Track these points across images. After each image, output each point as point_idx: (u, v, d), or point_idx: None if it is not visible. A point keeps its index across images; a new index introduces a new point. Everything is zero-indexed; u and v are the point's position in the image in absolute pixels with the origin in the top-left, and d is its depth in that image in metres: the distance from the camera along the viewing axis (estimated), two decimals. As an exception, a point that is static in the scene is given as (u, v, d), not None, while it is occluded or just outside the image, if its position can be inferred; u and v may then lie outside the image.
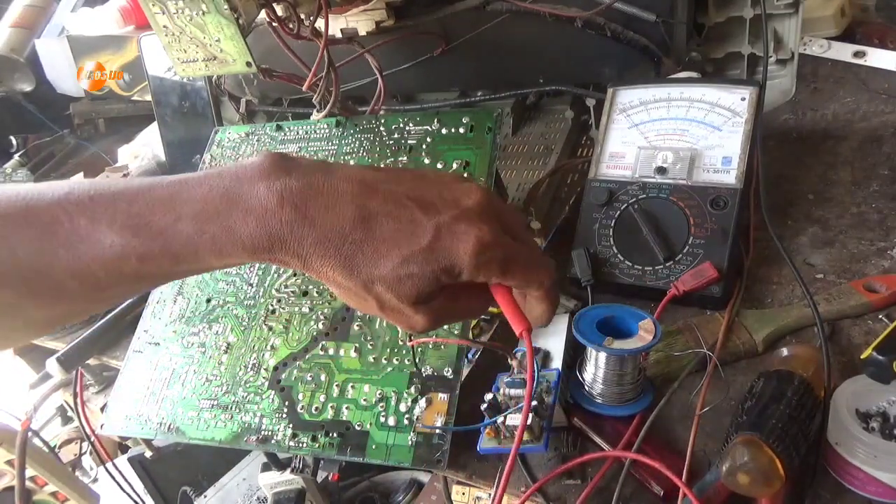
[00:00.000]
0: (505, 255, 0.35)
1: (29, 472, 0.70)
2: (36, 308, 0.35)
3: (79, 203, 0.34)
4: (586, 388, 0.46)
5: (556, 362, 0.48)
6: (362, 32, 0.66)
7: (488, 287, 0.37)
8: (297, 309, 0.56)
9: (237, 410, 0.53)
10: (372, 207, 0.35)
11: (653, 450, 0.42)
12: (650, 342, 0.42)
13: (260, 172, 0.35)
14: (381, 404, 0.49)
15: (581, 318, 0.45)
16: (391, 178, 0.37)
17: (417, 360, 0.49)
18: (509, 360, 0.45)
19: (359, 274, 0.34)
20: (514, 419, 0.42)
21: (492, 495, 0.44)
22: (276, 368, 0.54)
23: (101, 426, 0.60)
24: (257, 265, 0.60)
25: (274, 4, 0.56)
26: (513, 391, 0.44)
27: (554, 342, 0.49)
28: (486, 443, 0.43)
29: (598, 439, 0.45)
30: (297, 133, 0.66)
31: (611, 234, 0.55)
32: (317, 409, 0.51)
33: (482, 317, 0.57)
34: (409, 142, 0.60)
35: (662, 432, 0.44)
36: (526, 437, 0.42)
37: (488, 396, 0.44)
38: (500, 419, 0.42)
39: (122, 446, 0.99)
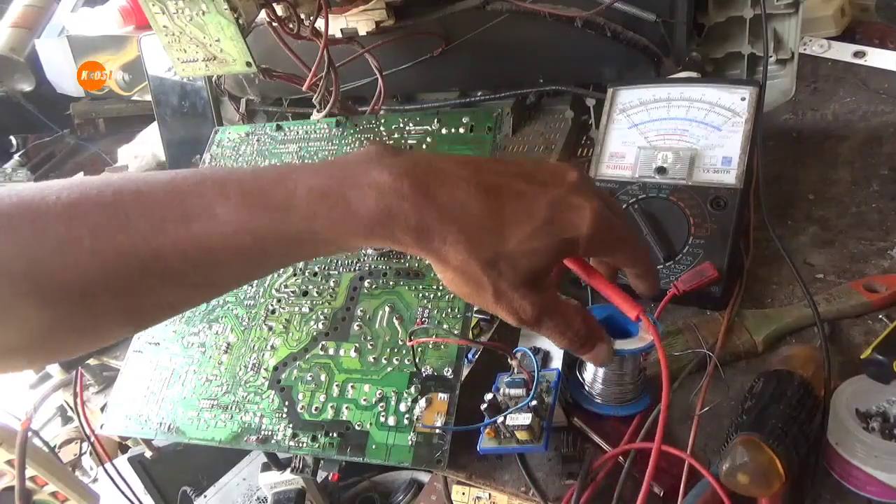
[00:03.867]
0: (615, 228, 0.35)
1: (29, 472, 0.70)
2: (145, 293, 0.34)
3: (189, 185, 0.33)
4: (586, 387, 0.46)
5: (556, 362, 0.48)
6: (362, 32, 0.66)
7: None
8: (297, 309, 0.56)
9: (237, 410, 0.53)
10: (490, 184, 0.34)
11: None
12: (650, 342, 0.42)
13: (368, 156, 0.34)
14: (381, 404, 0.49)
15: None
16: (492, 161, 0.37)
17: (417, 360, 0.49)
18: (509, 359, 0.45)
19: (482, 251, 0.33)
20: (514, 419, 0.42)
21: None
22: (276, 368, 0.54)
23: (101, 426, 0.60)
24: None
25: (274, 4, 0.56)
26: (513, 391, 0.44)
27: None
28: (486, 443, 0.43)
29: (597, 439, 0.45)
30: (297, 133, 0.66)
31: (611, 234, 0.55)
32: (317, 409, 0.51)
33: (482, 317, 0.57)
34: (409, 142, 0.60)
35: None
36: (526, 436, 0.42)
37: (488, 396, 0.44)
38: (500, 419, 0.42)
39: (122, 446, 0.99)
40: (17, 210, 0.31)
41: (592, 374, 0.45)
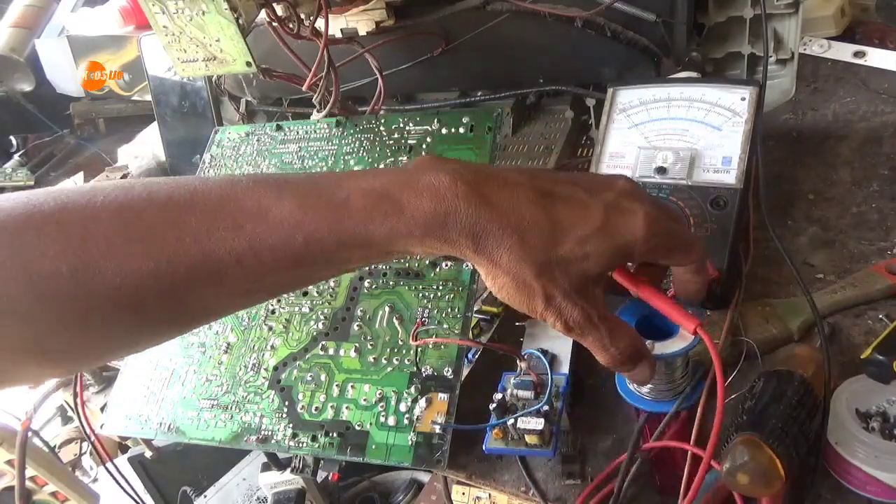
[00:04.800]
0: (670, 230, 0.35)
1: (29, 472, 0.70)
2: (194, 297, 0.33)
3: (243, 188, 0.33)
4: (632, 385, 0.45)
5: (564, 367, 0.48)
6: (362, 32, 0.66)
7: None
8: (297, 309, 0.56)
9: (237, 410, 0.53)
10: (546, 190, 0.34)
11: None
12: (694, 340, 0.40)
13: (425, 163, 0.34)
14: (381, 404, 0.49)
15: None
16: (547, 171, 0.37)
17: (418, 360, 0.49)
18: (518, 361, 0.45)
19: (536, 256, 0.33)
20: (526, 423, 0.42)
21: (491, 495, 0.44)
22: (276, 368, 0.54)
23: (101, 426, 0.60)
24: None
25: (274, 4, 0.56)
26: (521, 392, 0.44)
27: (560, 345, 0.49)
28: (492, 443, 0.43)
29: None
30: (297, 133, 0.66)
31: (611, 234, 0.55)
32: (317, 408, 0.51)
33: (482, 317, 0.57)
34: (409, 142, 0.60)
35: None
36: (536, 441, 0.42)
37: (497, 396, 0.43)
38: (510, 421, 0.42)
39: (122, 446, 0.99)
40: (64, 213, 0.31)
41: None
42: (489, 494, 0.87)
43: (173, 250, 0.31)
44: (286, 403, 0.52)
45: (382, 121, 0.63)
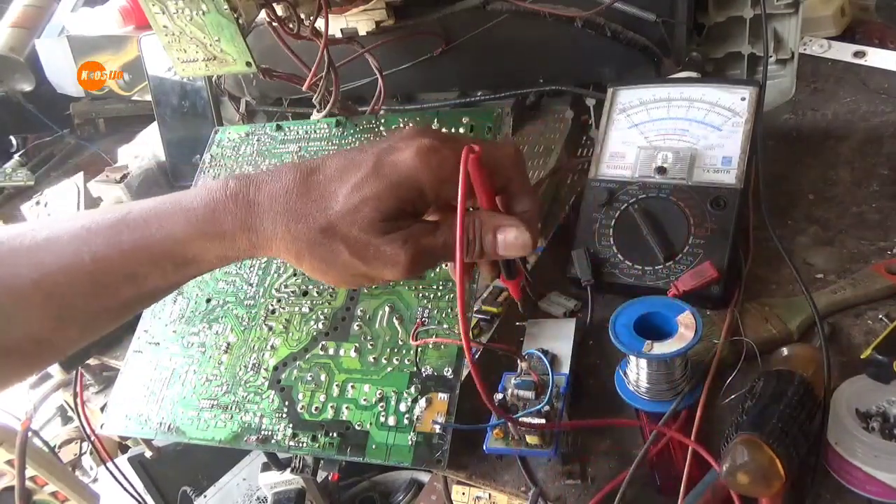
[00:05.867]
0: (457, 150, 0.34)
1: (29, 472, 0.70)
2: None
3: (48, 226, 0.37)
4: (631, 386, 0.45)
5: (564, 367, 0.48)
6: (362, 32, 0.66)
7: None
8: (297, 309, 0.56)
9: (237, 410, 0.53)
10: (311, 167, 0.36)
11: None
12: (692, 340, 0.40)
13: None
14: (381, 404, 0.49)
15: (616, 320, 0.43)
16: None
17: (418, 360, 0.49)
18: (519, 361, 0.45)
19: (314, 220, 0.34)
20: (527, 422, 0.42)
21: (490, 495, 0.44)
22: (276, 368, 0.54)
23: (101, 426, 0.60)
24: (257, 264, 0.60)
25: (274, 4, 0.56)
26: (521, 392, 0.44)
27: (561, 346, 0.49)
28: (493, 443, 0.43)
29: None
30: (297, 133, 0.66)
31: (611, 233, 0.55)
32: (317, 408, 0.51)
33: (482, 317, 0.57)
34: (409, 142, 0.60)
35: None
36: (537, 441, 0.42)
37: (498, 396, 0.43)
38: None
39: (123, 446, 0.99)
40: None
41: (636, 374, 0.45)
42: (489, 494, 0.87)
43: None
44: (286, 403, 0.52)
45: (382, 121, 0.63)
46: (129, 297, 0.37)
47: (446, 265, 0.53)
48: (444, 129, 0.59)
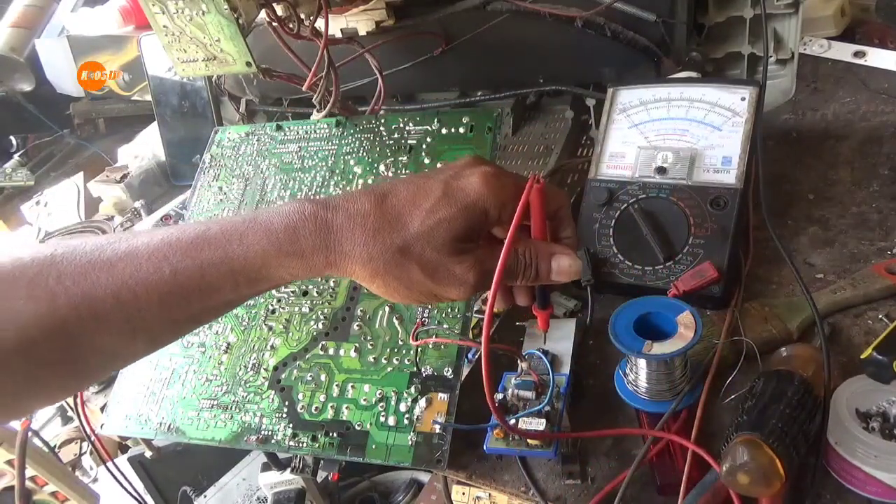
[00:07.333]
0: (517, 181, 0.38)
1: (29, 472, 0.70)
2: (82, 338, 0.36)
3: (121, 238, 0.37)
4: (630, 385, 0.45)
5: (565, 367, 0.48)
6: (362, 32, 0.66)
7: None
8: (297, 309, 0.56)
9: (237, 410, 0.53)
10: (385, 190, 0.38)
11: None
12: (692, 340, 0.41)
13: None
14: (381, 404, 0.49)
15: (617, 320, 0.43)
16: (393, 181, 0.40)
17: (418, 360, 0.49)
18: (519, 361, 0.45)
19: (392, 240, 0.36)
20: (528, 423, 0.42)
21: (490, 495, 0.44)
22: (276, 368, 0.54)
23: (101, 426, 0.60)
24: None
25: (274, 4, 0.56)
26: (522, 392, 0.44)
27: (561, 346, 0.49)
28: (493, 443, 0.43)
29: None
30: (297, 133, 0.66)
31: (611, 233, 0.55)
32: (317, 408, 0.51)
33: (482, 317, 0.57)
34: (409, 142, 0.60)
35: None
36: (536, 442, 0.42)
37: (498, 396, 0.43)
38: (511, 422, 0.42)
39: (123, 446, 0.99)
40: None
41: (635, 374, 0.45)
42: (489, 494, 0.87)
43: (53, 292, 0.34)
44: (286, 403, 0.52)
45: (382, 121, 0.63)
46: (197, 310, 0.38)
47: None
48: (444, 129, 0.59)
